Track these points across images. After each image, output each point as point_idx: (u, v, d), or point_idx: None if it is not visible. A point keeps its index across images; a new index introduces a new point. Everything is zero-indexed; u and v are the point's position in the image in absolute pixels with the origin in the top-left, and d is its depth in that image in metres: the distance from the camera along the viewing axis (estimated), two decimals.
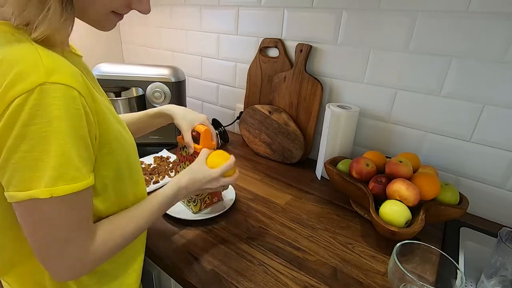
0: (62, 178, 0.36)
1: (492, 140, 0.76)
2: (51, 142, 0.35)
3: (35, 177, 0.35)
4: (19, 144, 0.34)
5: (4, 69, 0.34)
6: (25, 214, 0.37)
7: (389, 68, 0.86)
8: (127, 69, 1.06)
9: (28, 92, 0.33)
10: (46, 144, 0.34)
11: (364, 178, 0.76)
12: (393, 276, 0.50)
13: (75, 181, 0.37)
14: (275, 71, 1.07)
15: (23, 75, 0.33)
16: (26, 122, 0.33)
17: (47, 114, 0.34)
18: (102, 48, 1.65)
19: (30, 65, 0.34)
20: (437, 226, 0.76)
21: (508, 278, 0.58)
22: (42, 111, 0.34)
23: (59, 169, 0.35)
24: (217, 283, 0.56)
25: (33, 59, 0.35)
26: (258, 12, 1.08)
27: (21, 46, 0.36)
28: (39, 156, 0.34)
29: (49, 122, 0.34)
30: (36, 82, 0.33)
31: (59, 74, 0.35)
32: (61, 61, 0.37)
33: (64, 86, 0.35)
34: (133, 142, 0.52)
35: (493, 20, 0.69)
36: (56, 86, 0.34)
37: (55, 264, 0.40)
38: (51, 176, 0.35)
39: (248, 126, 1.14)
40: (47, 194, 0.35)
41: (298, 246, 0.67)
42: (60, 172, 0.36)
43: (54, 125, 0.34)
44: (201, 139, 0.67)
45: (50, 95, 0.34)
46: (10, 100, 0.33)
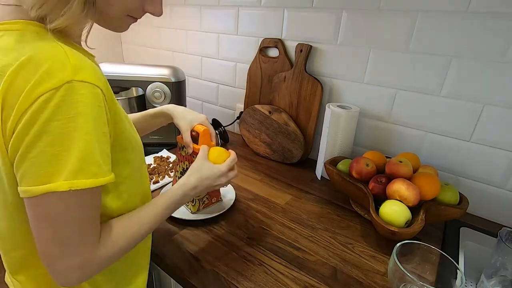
0: (84, 172, 0.36)
1: (492, 140, 0.76)
2: (74, 138, 0.35)
3: (54, 171, 0.35)
4: (39, 139, 0.34)
5: (32, 68, 0.34)
6: (37, 209, 0.37)
7: (389, 68, 0.86)
8: (127, 69, 1.06)
9: (55, 89, 0.34)
10: (68, 139, 0.35)
11: (364, 178, 0.76)
12: (393, 276, 0.50)
13: (95, 176, 0.37)
14: (275, 71, 1.07)
15: (51, 73, 0.34)
16: (49, 118, 0.34)
17: (72, 111, 0.34)
18: (102, 48, 1.65)
19: (58, 64, 0.35)
20: (437, 226, 0.76)
21: (508, 278, 0.58)
22: (67, 107, 0.34)
23: (80, 163, 0.36)
24: (217, 283, 0.56)
25: (60, 58, 0.36)
26: (258, 12, 1.09)
27: (47, 45, 0.37)
28: (59, 151, 0.35)
29: (73, 118, 0.35)
30: (63, 80, 0.34)
31: (85, 73, 0.36)
32: (86, 60, 0.38)
33: (90, 84, 0.36)
34: (140, 142, 0.52)
35: (493, 20, 0.69)
36: (82, 84, 0.35)
37: (59, 264, 0.39)
38: (72, 170, 0.35)
39: (248, 126, 1.14)
40: (67, 187, 0.35)
41: (298, 246, 0.67)
42: (81, 166, 0.36)
43: (78, 121, 0.35)
44: (200, 139, 0.67)
45: (77, 92, 0.35)
46: (36, 97, 0.33)
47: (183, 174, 0.73)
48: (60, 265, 0.39)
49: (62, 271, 0.39)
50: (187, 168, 0.71)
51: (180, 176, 0.75)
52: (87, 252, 0.40)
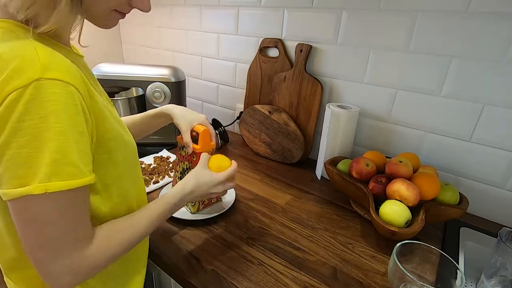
0: (58, 174, 0.35)
1: (492, 140, 0.76)
2: (46, 138, 0.34)
3: (29, 173, 0.34)
4: (12, 141, 0.33)
5: (0, 66, 0.34)
6: (18, 212, 0.36)
7: (389, 68, 0.86)
8: (127, 69, 1.06)
9: (23, 87, 0.33)
10: (40, 140, 0.34)
11: (364, 178, 0.76)
12: (393, 276, 0.50)
13: (71, 178, 0.36)
14: (275, 71, 1.07)
15: (19, 71, 0.33)
16: (20, 118, 0.33)
17: (43, 110, 0.33)
18: (102, 48, 1.65)
19: (26, 61, 0.34)
20: (437, 226, 0.76)
21: (508, 278, 0.58)
22: (37, 106, 0.33)
23: (54, 165, 0.34)
24: (217, 283, 0.56)
25: (30, 55, 0.34)
26: (258, 12, 1.08)
27: (19, 43, 0.36)
28: (33, 152, 0.34)
29: (44, 117, 0.33)
30: (31, 78, 0.33)
31: (55, 70, 0.35)
32: (58, 58, 0.37)
33: (61, 82, 0.35)
34: (133, 143, 0.51)
35: (493, 20, 0.69)
36: (52, 81, 0.34)
37: (49, 268, 0.38)
38: (46, 172, 0.34)
39: (248, 126, 1.14)
40: (42, 190, 0.34)
41: (298, 246, 0.67)
42: (56, 167, 0.35)
43: (51, 121, 0.34)
44: (200, 139, 0.67)
45: (46, 91, 0.34)
46: (5, 96, 0.32)
47: (183, 174, 0.73)
48: (50, 268, 0.38)
49: (52, 275, 0.38)
50: (188, 168, 0.71)
51: (181, 176, 0.75)
52: (77, 255, 0.39)
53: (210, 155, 0.66)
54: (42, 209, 0.36)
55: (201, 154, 0.65)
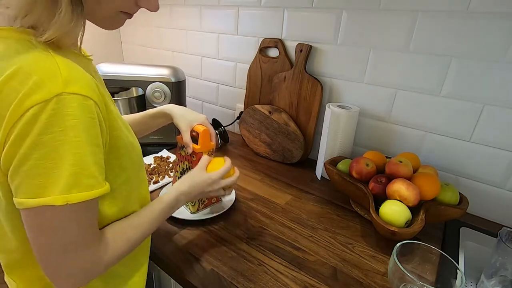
0: (78, 185, 0.36)
1: (492, 140, 0.76)
2: (66, 151, 0.35)
3: (48, 184, 0.35)
4: (32, 152, 0.34)
5: (21, 78, 0.34)
6: (33, 221, 0.37)
7: (389, 68, 0.86)
8: (127, 69, 1.06)
9: (45, 101, 0.33)
10: (60, 152, 0.34)
11: (364, 178, 0.76)
12: (393, 276, 0.50)
13: (90, 189, 0.37)
14: (275, 71, 1.07)
15: (41, 84, 0.33)
16: (41, 131, 0.33)
17: (63, 124, 0.34)
18: (102, 48, 1.65)
19: (48, 75, 0.34)
20: (437, 226, 0.76)
21: (508, 278, 0.58)
22: (59, 120, 0.34)
23: (74, 177, 0.35)
24: (217, 283, 0.56)
25: (51, 69, 0.35)
26: (258, 12, 1.08)
27: (38, 54, 0.36)
28: (52, 164, 0.34)
29: (64, 131, 0.34)
30: (53, 92, 0.33)
31: (76, 84, 0.35)
32: (78, 70, 0.37)
33: (81, 96, 0.35)
34: (138, 146, 0.52)
35: (493, 20, 0.69)
36: (73, 96, 0.35)
37: (61, 271, 0.39)
38: (66, 183, 0.35)
39: (248, 126, 1.14)
40: (63, 201, 0.35)
41: (298, 246, 0.67)
42: (76, 180, 0.36)
43: (70, 134, 0.34)
44: (200, 139, 0.67)
45: (67, 105, 0.34)
46: (26, 109, 0.33)
47: (183, 174, 0.73)
48: (62, 271, 0.39)
49: (64, 277, 0.40)
50: (187, 168, 0.71)
51: (180, 176, 0.75)
52: (89, 256, 0.40)
53: (211, 158, 0.66)
54: (58, 218, 0.37)
55: (201, 157, 0.65)
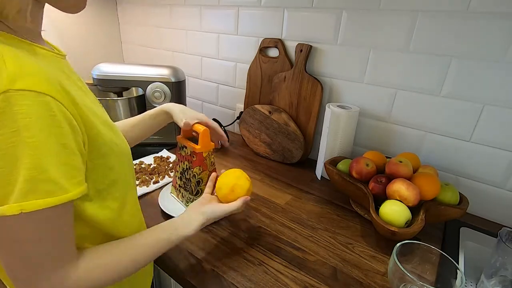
0: (35, 191, 0.32)
1: (492, 140, 0.76)
2: (19, 154, 0.31)
3: (3, 192, 0.32)
4: None
5: None
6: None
7: (389, 68, 0.86)
8: (127, 69, 1.06)
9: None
10: (13, 156, 0.31)
11: (364, 178, 0.76)
12: (393, 276, 0.50)
13: (49, 195, 0.33)
14: (275, 71, 1.07)
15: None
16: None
17: (14, 124, 0.30)
18: (102, 48, 1.65)
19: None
20: (437, 226, 0.76)
21: (508, 278, 0.58)
22: (8, 121, 0.30)
23: (30, 183, 0.32)
24: (217, 283, 0.56)
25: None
26: (258, 12, 1.08)
27: None
28: (6, 169, 0.31)
29: (16, 132, 0.31)
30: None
31: (26, 80, 0.32)
32: (30, 64, 0.33)
33: (33, 93, 0.31)
34: (125, 147, 0.49)
35: (493, 20, 0.69)
36: (22, 93, 0.31)
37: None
38: (21, 190, 0.32)
39: (248, 126, 1.14)
40: (16, 210, 0.31)
41: (298, 246, 0.67)
42: (31, 185, 0.32)
43: (24, 135, 0.31)
44: (200, 139, 0.67)
45: (16, 103, 0.31)
46: None
47: (183, 174, 0.73)
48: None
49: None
50: (187, 168, 0.71)
51: (180, 176, 0.75)
52: (58, 277, 0.37)
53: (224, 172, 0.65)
54: (18, 229, 0.33)
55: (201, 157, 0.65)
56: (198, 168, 0.70)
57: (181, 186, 0.76)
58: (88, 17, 1.53)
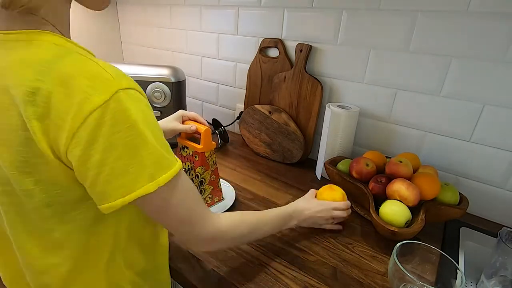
0: (161, 169, 0.38)
1: (492, 140, 0.76)
2: (138, 145, 0.36)
3: (132, 180, 0.36)
4: (107, 156, 0.35)
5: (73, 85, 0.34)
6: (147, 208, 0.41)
7: (389, 68, 0.86)
8: (127, 69, 1.06)
9: (105, 103, 0.34)
10: (134, 148, 0.36)
11: (364, 178, 0.76)
12: (393, 276, 0.50)
13: (170, 167, 0.40)
14: (275, 71, 1.07)
15: (95, 87, 0.34)
16: (109, 133, 0.34)
17: (127, 119, 0.35)
18: (102, 48, 1.65)
19: (98, 77, 0.35)
20: (437, 226, 0.76)
21: (508, 278, 0.58)
22: (123, 117, 0.35)
23: (156, 164, 0.38)
24: (217, 283, 0.56)
25: (97, 70, 0.36)
26: (258, 12, 1.08)
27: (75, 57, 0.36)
28: (129, 162, 0.36)
29: (130, 127, 0.35)
30: (110, 92, 0.34)
31: (123, 80, 0.37)
32: (114, 67, 0.38)
33: (132, 90, 0.37)
34: None
35: (493, 20, 0.69)
36: (127, 91, 0.36)
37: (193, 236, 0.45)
38: (150, 173, 0.37)
39: (248, 126, 1.14)
40: (155, 187, 0.37)
41: (298, 246, 0.67)
42: (157, 166, 0.38)
43: (136, 128, 0.36)
44: (202, 139, 0.68)
45: (125, 101, 0.35)
46: (87, 114, 0.33)
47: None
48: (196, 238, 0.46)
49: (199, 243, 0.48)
50: (190, 169, 0.72)
51: None
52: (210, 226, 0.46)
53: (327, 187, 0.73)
54: (164, 198, 0.40)
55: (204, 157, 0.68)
56: (200, 168, 0.70)
57: None
58: (88, 17, 1.53)
